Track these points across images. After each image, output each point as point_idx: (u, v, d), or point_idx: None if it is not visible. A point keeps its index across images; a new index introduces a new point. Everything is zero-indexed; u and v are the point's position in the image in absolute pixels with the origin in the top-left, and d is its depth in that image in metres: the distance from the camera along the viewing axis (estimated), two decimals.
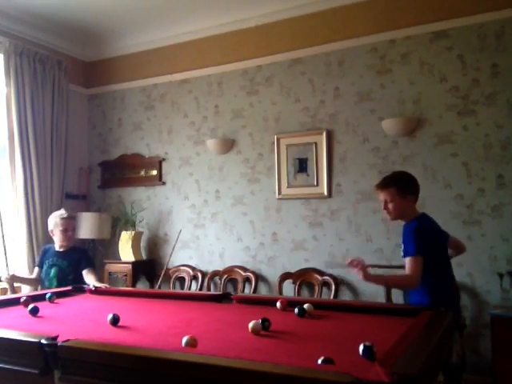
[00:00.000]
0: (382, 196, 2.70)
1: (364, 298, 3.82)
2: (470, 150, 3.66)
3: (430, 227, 2.67)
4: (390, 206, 2.65)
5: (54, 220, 3.75)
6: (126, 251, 4.70)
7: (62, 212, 3.80)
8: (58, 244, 3.75)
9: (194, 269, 4.62)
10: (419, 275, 2.45)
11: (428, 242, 2.54)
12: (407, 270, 2.50)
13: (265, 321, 1.92)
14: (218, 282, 4.48)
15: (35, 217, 4.50)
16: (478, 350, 3.53)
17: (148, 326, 2.12)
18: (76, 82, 5.24)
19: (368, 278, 2.51)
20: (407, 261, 2.51)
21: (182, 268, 4.67)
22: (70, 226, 3.76)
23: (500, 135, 3.57)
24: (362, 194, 3.99)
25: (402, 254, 2.61)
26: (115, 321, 2.08)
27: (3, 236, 3.87)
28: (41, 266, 3.77)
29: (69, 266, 3.65)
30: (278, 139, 4.35)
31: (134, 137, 5.15)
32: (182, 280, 4.66)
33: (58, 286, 3.53)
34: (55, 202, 4.68)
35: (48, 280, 3.67)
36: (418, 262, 2.46)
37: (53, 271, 3.65)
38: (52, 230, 3.76)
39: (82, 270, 3.66)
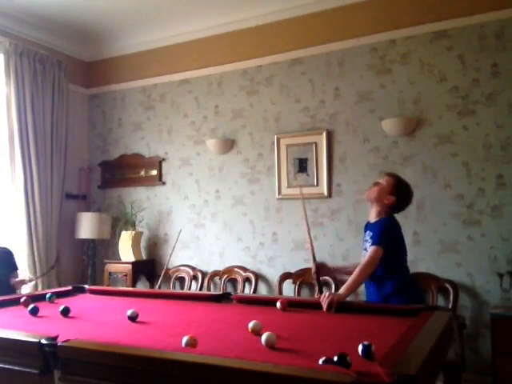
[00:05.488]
0: (381, 179, 2.83)
1: (364, 298, 3.81)
2: (470, 149, 3.66)
3: (399, 227, 2.81)
4: (378, 188, 2.77)
5: None
6: (126, 251, 4.70)
7: None
8: None
9: (194, 269, 4.62)
10: (376, 262, 2.61)
11: (396, 238, 2.74)
12: (366, 257, 2.65)
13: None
14: (218, 282, 4.48)
15: (35, 217, 4.49)
16: (478, 350, 3.53)
17: (148, 325, 2.12)
18: (76, 82, 5.24)
19: (342, 297, 2.48)
20: (370, 248, 2.66)
21: (181, 268, 4.67)
22: None
23: (500, 135, 3.57)
24: (361, 194, 3.99)
25: (367, 246, 2.77)
26: (66, 311, 2.25)
27: None
28: None
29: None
30: (278, 139, 4.35)
31: (133, 137, 5.15)
32: (182, 280, 4.66)
33: None
34: (55, 201, 4.68)
35: None
36: (378, 251, 2.61)
37: None
38: None
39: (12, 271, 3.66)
